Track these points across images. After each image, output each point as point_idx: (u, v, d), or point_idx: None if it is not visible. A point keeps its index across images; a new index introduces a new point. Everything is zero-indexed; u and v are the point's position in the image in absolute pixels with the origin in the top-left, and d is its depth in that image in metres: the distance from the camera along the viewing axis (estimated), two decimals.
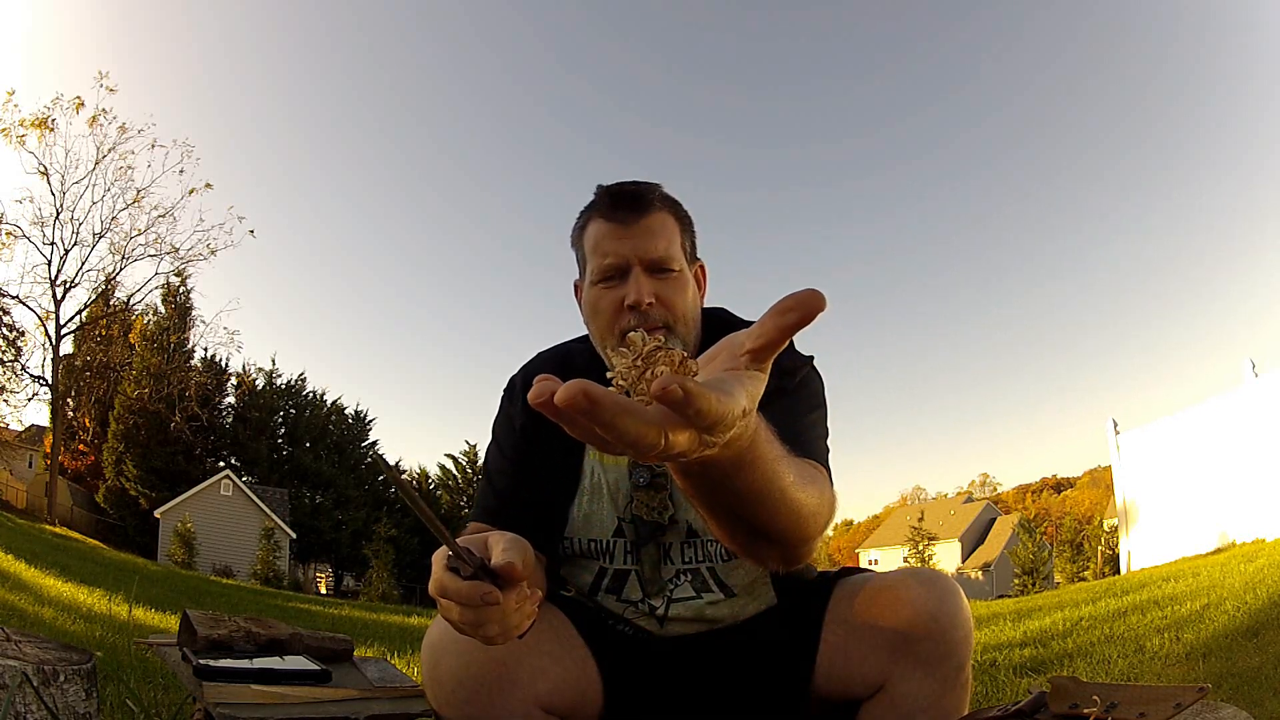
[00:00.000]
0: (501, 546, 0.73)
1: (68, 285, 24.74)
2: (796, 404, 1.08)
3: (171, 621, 4.58)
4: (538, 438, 1.13)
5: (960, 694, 1.03)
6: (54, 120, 24.10)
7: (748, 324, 1.19)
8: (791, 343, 1.17)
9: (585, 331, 1.22)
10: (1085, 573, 25.79)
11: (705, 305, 1.18)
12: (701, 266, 1.18)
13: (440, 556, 0.71)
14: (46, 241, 24.30)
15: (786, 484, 0.71)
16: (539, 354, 1.23)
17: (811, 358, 1.18)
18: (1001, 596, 22.57)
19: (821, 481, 0.86)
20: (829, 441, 1.12)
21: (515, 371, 1.21)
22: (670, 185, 1.15)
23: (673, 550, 1.12)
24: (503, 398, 1.20)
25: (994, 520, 45.00)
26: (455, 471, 34.68)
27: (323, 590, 28.23)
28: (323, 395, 32.55)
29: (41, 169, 24.06)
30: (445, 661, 0.97)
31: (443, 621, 1.02)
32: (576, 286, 1.18)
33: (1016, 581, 29.57)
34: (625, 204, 1.08)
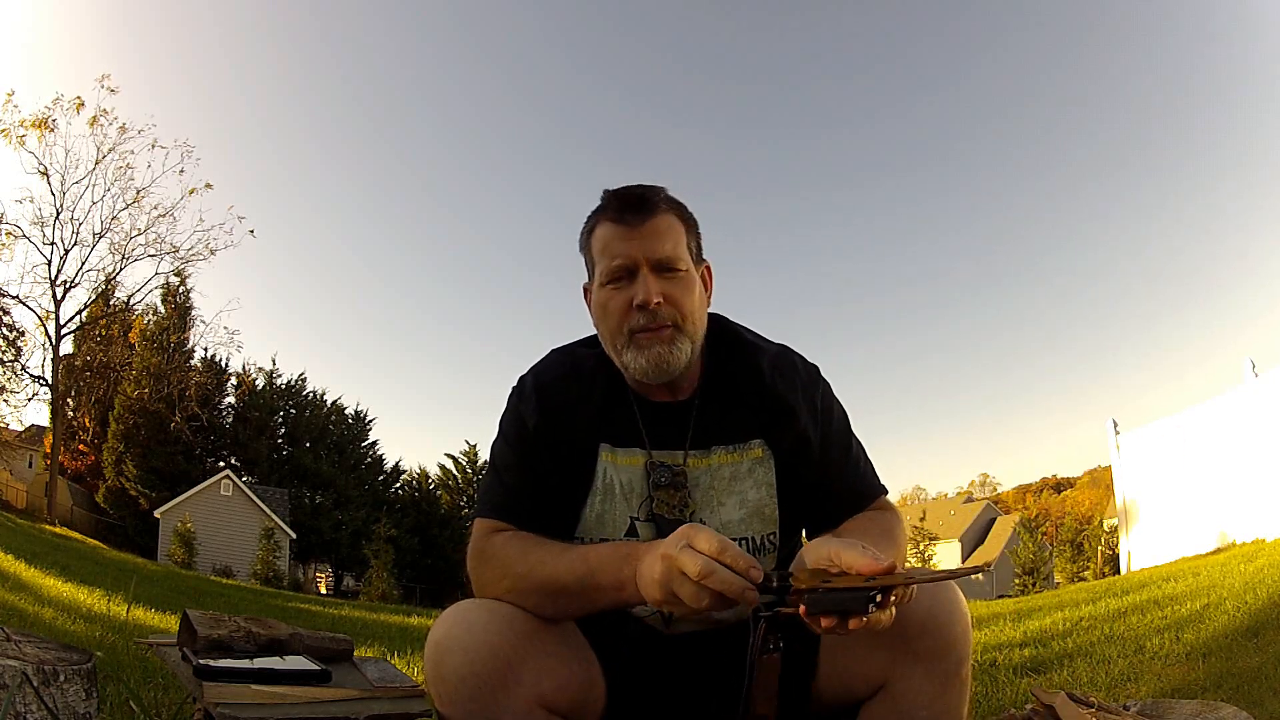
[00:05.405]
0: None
1: (68, 285, 24.79)
2: (843, 441, 1.17)
3: (171, 621, 4.59)
4: (551, 439, 1.13)
5: (960, 691, 1.03)
6: (54, 120, 24.14)
7: (746, 332, 1.22)
8: (797, 357, 1.20)
9: (591, 333, 1.23)
10: (1085, 573, 25.79)
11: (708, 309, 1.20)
12: (708, 267, 1.20)
13: (749, 568, 0.86)
14: (46, 241, 24.35)
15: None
16: (550, 353, 1.23)
17: (817, 368, 1.20)
18: (1001, 596, 22.56)
19: (887, 525, 1.11)
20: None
21: (525, 371, 1.21)
22: (673, 186, 1.16)
23: None
24: (511, 396, 1.19)
25: (994, 520, 45.00)
26: (455, 471, 34.68)
27: (323, 590, 28.23)
28: (323, 395, 32.52)
29: (41, 169, 24.10)
30: (449, 660, 0.97)
31: (448, 619, 1.02)
32: (586, 290, 1.19)
33: (1017, 581, 29.56)
34: (632, 206, 1.11)
